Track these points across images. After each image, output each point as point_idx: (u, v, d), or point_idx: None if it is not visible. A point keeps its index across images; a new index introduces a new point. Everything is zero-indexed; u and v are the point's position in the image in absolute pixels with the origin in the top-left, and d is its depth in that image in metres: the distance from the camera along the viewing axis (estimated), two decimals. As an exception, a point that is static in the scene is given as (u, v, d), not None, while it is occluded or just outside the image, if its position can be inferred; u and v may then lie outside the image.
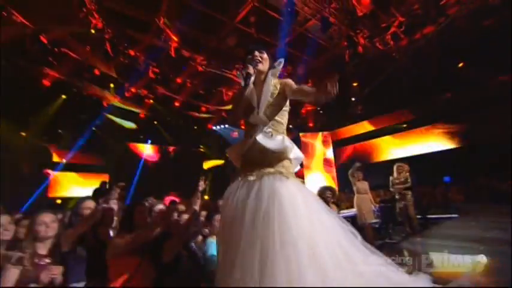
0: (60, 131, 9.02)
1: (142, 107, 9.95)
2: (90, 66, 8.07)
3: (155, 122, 10.77)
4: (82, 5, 6.41)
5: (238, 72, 1.71)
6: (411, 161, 6.61)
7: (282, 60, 1.75)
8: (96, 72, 8.07)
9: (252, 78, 1.60)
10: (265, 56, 1.74)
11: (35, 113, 8.46)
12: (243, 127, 1.83)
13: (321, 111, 11.38)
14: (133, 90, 9.11)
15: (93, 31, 7.03)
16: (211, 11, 6.90)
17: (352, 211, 5.86)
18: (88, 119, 9.39)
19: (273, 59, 1.78)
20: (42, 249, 1.98)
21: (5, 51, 6.74)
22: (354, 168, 5.79)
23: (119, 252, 2.05)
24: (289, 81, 1.73)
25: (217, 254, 1.69)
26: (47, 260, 1.87)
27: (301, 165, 1.79)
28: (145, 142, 11.27)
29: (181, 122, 10.99)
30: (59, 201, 9.09)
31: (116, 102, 9.33)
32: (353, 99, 10.31)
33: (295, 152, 1.66)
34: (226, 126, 11.73)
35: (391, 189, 5.92)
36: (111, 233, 2.50)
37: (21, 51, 6.98)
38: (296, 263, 1.25)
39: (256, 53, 1.72)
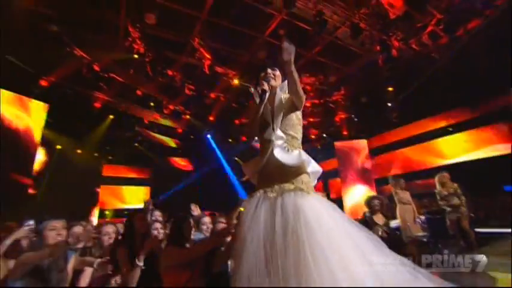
0: (108, 147, 9.85)
1: (180, 123, 10.53)
2: (133, 88, 8.81)
3: (192, 137, 11.28)
4: (128, 35, 7.12)
5: (252, 89, 1.74)
6: (462, 168, 6.04)
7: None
8: (138, 92, 8.78)
9: (267, 95, 1.65)
10: (277, 72, 1.80)
11: (88, 133, 9.40)
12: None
13: (356, 119, 11.03)
14: (171, 107, 9.71)
15: (136, 56, 7.73)
16: (242, 27, 7.20)
17: (394, 222, 5.50)
18: (132, 136, 10.17)
19: (284, 75, 1.80)
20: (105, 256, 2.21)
21: (67, 80, 7.75)
22: (394, 177, 5.48)
23: (172, 265, 2.09)
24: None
25: (233, 270, 1.61)
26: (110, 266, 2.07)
27: (318, 179, 1.73)
28: (184, 156, 11.83)
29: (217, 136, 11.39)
30: (107, 212, 9.85)
31: (156, 119, 10.02)
32: (389, 104, 9.87)
33: (312, 166, 1.65)
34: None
35: (440, 203, 5.40)
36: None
37: (78, 79, 7.92)
38: (330, 278, 1.24)
39: (269, 70, 1.78)
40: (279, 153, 1.59)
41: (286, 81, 1.79)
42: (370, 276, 1.29)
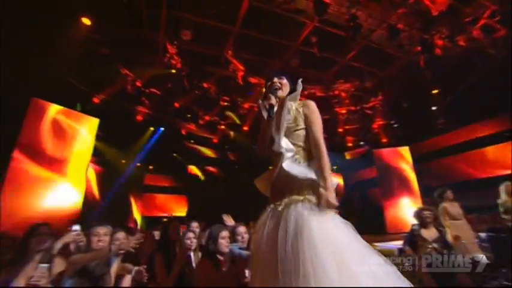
0: (148, 158, 10.45)
1: (215, 133, 10.84)
2: (171, 101, 9.32)
3: (226, 147, 11.53)
4: (166, 51, 7.61)
5: (260, 102, 1.66)
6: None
7: (300, 82, 1.69)
8: (176, 105, 9.25)
9: (275, 109, 1.57)
10: (284, 81, 1.70)
11: (131, 144, 10.11)
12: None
13: (396, 125, 10.39)
14: (207, 118, 10.07)
15: (173, 71, 8.20)
16: (274, 37, 7.27)
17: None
18: (170, 147, 10.70)
19: (292, 82, 1.73)
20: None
21: (115, 96, 8.47)
22: (441, 188, 4.91)
23: (210, 280, 2.14)
24: (310, 103, 1.67)
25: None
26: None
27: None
28: (219, 165, 12.10)
29: (251, 146, 11.51)
30: (140, 221, 10.35)
31: (193, 130, 10.45)
32: (433, 108, 9.15)
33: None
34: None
35: (505, 216, 4.69)
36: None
37: (123, 95, 8.61)
38: None
39: (275, 79, 1.70)
40: (288, 166, 1.51)
41: (299, 89, 1.69)
42: None
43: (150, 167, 10.62)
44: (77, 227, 2.36)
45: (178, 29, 6.83)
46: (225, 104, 9.28)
